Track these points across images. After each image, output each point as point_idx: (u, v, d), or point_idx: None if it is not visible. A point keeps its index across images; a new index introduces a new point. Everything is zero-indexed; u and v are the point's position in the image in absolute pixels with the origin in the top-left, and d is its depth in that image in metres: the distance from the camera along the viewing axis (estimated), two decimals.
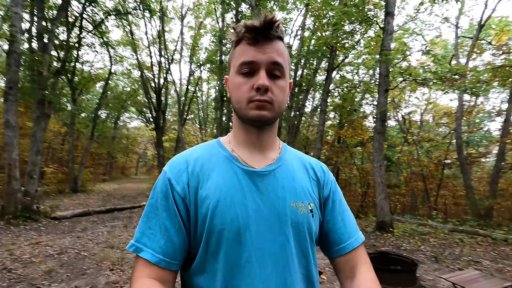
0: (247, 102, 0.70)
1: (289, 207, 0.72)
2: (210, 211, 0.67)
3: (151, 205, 0.70)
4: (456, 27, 11.79)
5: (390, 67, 7.59)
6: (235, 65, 0.72)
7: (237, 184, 0.70)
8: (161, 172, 0.74)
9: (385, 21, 7.50)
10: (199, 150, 0.79)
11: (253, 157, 0.76)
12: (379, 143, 7.57)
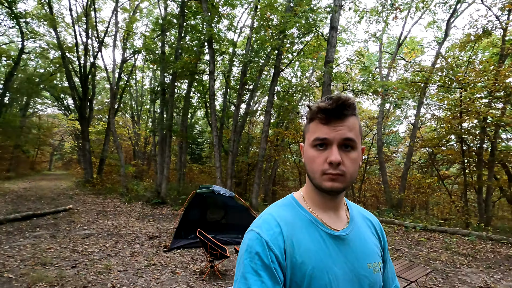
0: (321, 174, 0.75)
1: (367, 268, 0.79)
2: (307, 277, 0.70)
3: (247, 265, 0.70)
4: (380, 43, 13.53)
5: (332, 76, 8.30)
6: (309, 139, 0.78)
7: (326, 250, 0.75)
8: (251, 232, 0.75)
9: (329, 35, 8.14)
10: (281, 211, 0.81)
11: (330, 219, 0.82)
12: None
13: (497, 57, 9.96)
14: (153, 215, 9.49)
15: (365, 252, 0.81)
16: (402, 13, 11.49)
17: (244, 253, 0.72)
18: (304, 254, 0.73)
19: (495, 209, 12.77)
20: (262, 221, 0.77)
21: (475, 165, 10.58)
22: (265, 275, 0.68)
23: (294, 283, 0.71)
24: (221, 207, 7.47)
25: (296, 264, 0.71)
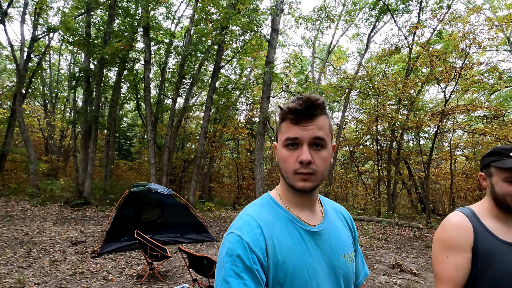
0: (293, 173, 0.76)
1: (341, 260, 0.82)
2: (289, 276, 0.71)
3: (228, 268, 0.69)
4: (313, 49, 14.64)
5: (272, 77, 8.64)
6: (281, 139, 0.79)
7: (304, 247, 0.77)
8: (231, 235, 0.73)
9: (270, 36, 8.44)
10: (260, 211, 0.80)
11: (307, 216, 0.83)
12: (261, 143, 8.55)
13: (405, 71, 11.83)
14: (75, 217, 8.43)
15: (339, 245, 0.84)
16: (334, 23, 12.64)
17: (225, 256, 0.70)
18: (285, 253, 0.73)
19: (399, 199, 15.18)
20: (242, 222, 0.75)
21: (386, 162, 12.41)
22: (247, 278, 0.67)
23: (277, 283, 0.71)
24: (158, 206, 7.08)
25: (278, 264, 0.72)
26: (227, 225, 8.36)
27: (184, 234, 6.54)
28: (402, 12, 12.01)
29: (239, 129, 11.51)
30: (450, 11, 11.60)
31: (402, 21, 11.70)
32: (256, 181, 8.58)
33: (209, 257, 3.55)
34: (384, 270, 4.99)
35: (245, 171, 13.87)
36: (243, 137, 12.03)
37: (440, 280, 1.12)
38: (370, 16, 12.81)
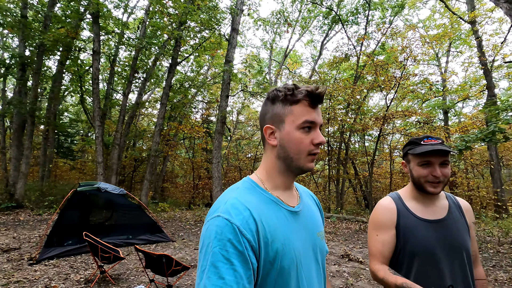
0: (307, 154, 0.81)
1: (317, 237, 0.89)
2: (279, 254, 0.73)
3: (217, 253, 0.67)
4: (270, 51, 15.04)
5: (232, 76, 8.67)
6: (295, 121, 0.81)
7: (289, 226, 0.80)
8: (218, 218, 0.70)
9: (230, 36, 8.47)
10: (246, 195, 0.80)
11: (288, 197, 0.87)
12: (219, 142, 8.52)
13: (353, 78, 12.82)
14: (5, 222, 7.43)
15: (314, 223, 0.90)
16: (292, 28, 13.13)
17: (213, 240, 0.68)
18: (274, 233, 0.74)
19: (346, 196, 16.35)
20: (229, 205, 0.73)
21: (336, 162, 13.29)
22: (237, 263, 0.66)
23: (268, 262, 0.72)
24: (108, 207, 6.61)
25: (268, 244, 0.72)
26: (183, 225, 8.15)
27: (137, 235, 6.20)
28: (352, 24, 13.02)
29: (196, 127, 11.29)
30: (392, 27, 12.92)
31: (351, 32, 12.68)
32: (214, 180, 8.51)
33: (168, 255, 3.46)
34: (334, 260, 5.36)
35: (201, 170, 13.64)
36: (200, 135, 11.82)
37: (372, 254, 1.31)
38: (323, 24, 13.63)
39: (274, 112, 0.85)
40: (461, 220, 1.31)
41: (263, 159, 0.91)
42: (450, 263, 1.22)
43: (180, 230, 7.63)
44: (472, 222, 1.34)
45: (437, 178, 1.24)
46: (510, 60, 7.12)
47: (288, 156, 0.82)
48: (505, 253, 5.76)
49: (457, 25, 14.18)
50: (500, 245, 6.32)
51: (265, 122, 0.86)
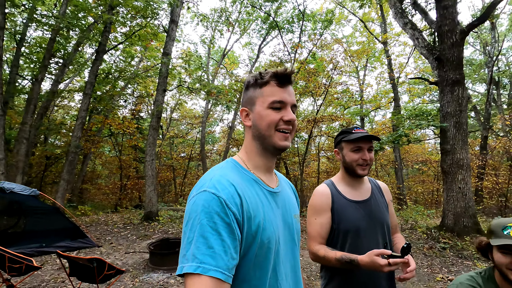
0: (275, 129, 0.87)
1: (293, 218, 0.96)
2: (259, 228, 0.78)
3: (205, 225, 0.69)
4: (209, 49, 14.83)
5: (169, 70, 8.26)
6: (265, 101, 0.87)
7: (268, 204, 0.86)
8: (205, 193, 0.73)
9: (169, 27, 8.08)
10: (229, 173, 0.84)
11: (267, 179, 0.94)
12: (153, 138, 8.01)
13: None
14: None
15: (291, 206, 0.98)
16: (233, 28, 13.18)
17: (200, 213, 0.70)
18: (255, 208, 0.80)
19: None
20: (215, 181, 0.77)
21: None
22: (225, 233, 0.69)
23: (250, 235, 0.76)
24: (14, 211, 5.56)
25: (250, 218, 0.77)
26: (110, 228, 7.38)
27: (54, 242, 5.37)
28: (287, 32, 13.82)
29: (127, 122, 10.34)
30: (321, 39, 14.18)
31: (287, 39, 13.47)
32: (147, 179, 7.96)
33: (100, 259, 3.11)
34: None
35: (129, 169, 12.56)
36: (131, 131, 10.87)
37: (311, 237, 1.48)
38: (262, 28, 14.12)
39: (247, 96, 0.93)
40: (381, 199, 1.59)
41: (244, 141, 0.97)
42: (374, 235, 1.47)
43: (107, 234, 6.90)
44: (390, 200, 1.64)
45: (365, 161, 1.47)
46: (414, 77, 8.57)
47: (260, 134, 0.88)
48: (406, 236, 6.88)
49: (372, 44, 16.44)
50: (402, 231, 7.53)
51: (242, 106, 0.94)
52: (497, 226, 1.28)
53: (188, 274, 0.65)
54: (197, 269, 0.65)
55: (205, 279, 0.64)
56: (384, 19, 14.17)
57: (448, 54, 6.43)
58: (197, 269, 0.65)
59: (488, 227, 1.34)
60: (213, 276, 0.65)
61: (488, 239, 1.32)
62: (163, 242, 5.34)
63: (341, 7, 15.30)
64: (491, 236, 1.30)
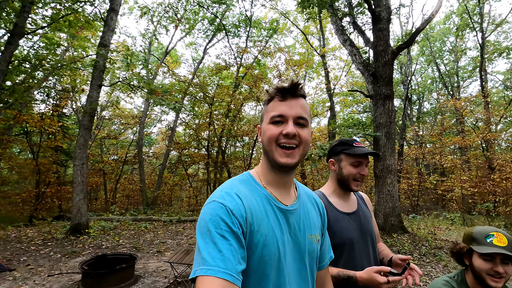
0: (277, 146, 0.85)
1: (307, 239, 0.92)
2: (261, 244, 0.79)
3: (212, 232, 0.73)
4: (149, 44, 13.82)
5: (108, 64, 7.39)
6: (268, 117, 0.88)
7: (276, 221, 0.85)
8: (213, 203, 0.78)
9: (108, 16, 7.26)
10: (240, 187, 0.86)
11: (281, 195, 0.91)
12: (85, 139, 7.04)
13: (233, 86, 13.55)
14: None
15: (307, 225, 0.93)
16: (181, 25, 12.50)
17: (209, 221, 0.74)
18: (260, 223, 0.81)
19: None
20: (224, 193, 0.81)
21: (213, 165, 13.57)
22: (232, 239, 0.73)
23: (251, 248, 0.78)
24: None
25: (253, 232, 0.79)
26: (25, 246, 6.15)
27: None
28: (234, 36, 13.81)
29: (48, 119, 8.80)
30: (266, 46, 14.58)
31: (234, 43, 13.45)
32: (75, 186, 6.91)
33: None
34: None
35: (49, 174, 10.75)
36: (55, 130, 9.31)
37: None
38: (208, 29, 13.80)
39: (261, 114, 0.96)
40: (366, 210, 1.63)
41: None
42: (365, 247, 1.49)
43: (21, 253, 5.73)
44: (371, 210, 1.69)
45: (362, 176, 1.49)
46: (352, 89, 9.40)
47: (265, 150, 0.89)
48: None
49: (311, 56, 17.61)
50: None
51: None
52: (479, 234, 1.37)
53: (199, 277, 0.69)
54: (207, 271, 0.68)
55: (215, 280, 0.67)
56: (323, 33, 15.32)
57: (382, 71, 7.24)
58: (207, 271, 0.68)
59: (469, 234, 1.43)
60: (222, 278, 0.67)
61: (468, 245, 1.42)
62: (99, 259, 4.66)
63: (285, 17, 16.01)
64: (472, 243, 1.39)
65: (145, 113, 13.11)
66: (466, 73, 18.28)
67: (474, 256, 1.37)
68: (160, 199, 13.89)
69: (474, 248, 1.36)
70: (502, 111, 14.27)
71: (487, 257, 1.32)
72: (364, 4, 8.02)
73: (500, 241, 1.31)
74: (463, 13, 15.35)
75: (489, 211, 9.91)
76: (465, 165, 12.93)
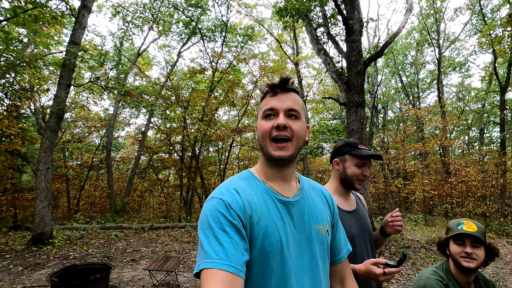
0: (270, 140, 0.87)
1: (313, 229, 0.91)
2: (261, 235, 0.80)
3: (213, 226, 0.75)
4: (120, 44, 13.27)
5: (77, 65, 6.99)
6: (260, 113, 0.91)
7: (277, 213, 0.86)
8: (212, 199, 0.80)
9: (79, 13, 6.91)
10: (239, 182, 0.89)
11: (282, 188, 0.92)
12: (51, 142, 6.56)
13: (208, 90, 13.43)
14: None
15: (312, 216, 0.93)
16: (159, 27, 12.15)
17: (209, 216, 0.76)
18: (260, 215, 0.82)
19: (194, 204, 16.53)
20: (222, 189, 0.84)
21: (187, 171, 13.25)
22: (232, 232, 0.74)
23: (251, 242, 0.80)
24: None
25: (253, 223, 0.81)
26: None
27: None
28: (209, 40, 13.74)
29: (5, 120, 8.05)
30: (242, 52, 14.69)
31: (209, 47, 13.35)
32: (39, 192, 6.38)
33: None
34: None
35: (3, 180, 9.79)
36: (15, 132, 8.52)
37: None
38: (183, 32, 13.59)
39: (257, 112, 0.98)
40: (364, 209, 1.72)
41: None
42: (365, 243, 1.58)
43: None
44: (367, 209, 1.80)
45: (365, 177, 1.58)
46: (327, 97, 9.77)
47: (260, 145, 0.91)
48: None
49: (285, 63, 18.05)
50: None
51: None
52: (453, 224, 1.57)
53: (203, 270, 0.70)
54: (210, 264, 0.69)
55: (219, 272, 0.68)
56: (297, 42, 15.81)
57: (354, 80, 7.63)
58: (210, 264, 0.69)
59: (446, 227, 1.62)
60: (225, 270, 0.68)
61: (446, 235, 1.59)
62: (69, 270, 4.33)
63: (260, 25, 16.29)
64: (448, 232, 1.57)
65: (114, 115, 12.50)
66: (425, 84, 19.83)
67: (450, 243, 1.54)
68: (129, 206, 13.24)
69: (449, 236, 1.53)
70: (456, 120, 15.67)
71: (458, 241, 1.49)
72: (338, 17, 8.45)
73: (470, 227, 1.48)
74: (423, 30, 16.74)
75: (447, 212, 10.76)
76: (425, 169, 13.94)
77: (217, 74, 13.29)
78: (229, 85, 11.66)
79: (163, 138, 13.97)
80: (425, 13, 16.70)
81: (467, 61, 17.40)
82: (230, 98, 12.06)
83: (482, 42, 12.45)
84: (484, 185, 11.03)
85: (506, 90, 12.38)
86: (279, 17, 8.82)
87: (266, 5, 17.27)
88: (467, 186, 10.81)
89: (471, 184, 10.68)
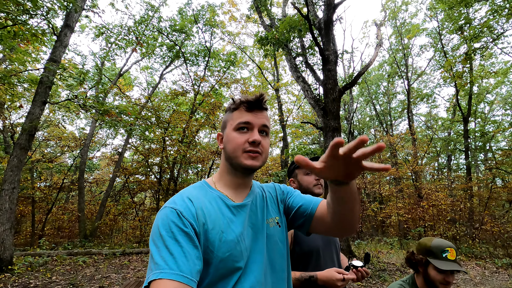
0: (242, 152, 0.90)
1: (265, 224, 0.97)
2: (217, 241, 0.81)
3: (163, 236, 0.74)
4: (102, 64, 13.22)
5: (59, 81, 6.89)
6: (233, 124, 0.94)
7: (233, 217, 0.89)
8: (164, 208, 0.81)
9: (62, 32, 6.93)
10: (192, 191, 0.90)
11: (235, 194, 0.96)
12: (19, 160, 6.25)
13: (190, 112, 13.49)
14: None
15: (263, 212, 0.99)
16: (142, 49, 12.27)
17: (160, 227, 0.76)
18: (214, 222, 0.84)
19: None
20: (174, 198, 0.85)
21: (164, 193, 12.88)
22: (183, 241, 0.74)
23: (207, 248, 0.80)
24: None
25: (208, 230, 0.81)
26: None
27: None
28: (192, 64, 14.03)
29: None
30: (224, 76, 15.07)
31: (192, 70, 13.62)
32: (1, 214, 5.92)
33: None
34: None
35: None
36: None
37: None
38: (166, 55, 13.82)
39: (223, 121, 1.02)
40: None
41: (220, 163, 1.04)
42: (330, 254, 1.65)
43: None
44: None
45: (318, 181, 1.70)
46: (306, 121, 10.10)
47: (228, 155, 0.94)
48: None
49: (266, 89, 18.62)
50: None
51: (219, 131, 1.03)
52: (436, 248, 1.58)
53: (152, 282, 0.67)
54: (159, 274, 0.67)
55: (168, 283, 0.66)
56: (277, 69, 16.48)
57: (331, 107, 8.02)
58: (159, 274, 0.67)
59: (426, 246, 1.63)
60: (175, 280, 0.67)
61: (425, 256, 1.62)
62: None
63: (242, 52, 16.92)
64: (430, 255, 1.59)
65: (90, 135, 12.14)
66: (397, 113, 21.05)
67: (430, 267, 1.58)
68: (100, 230, 12.51)
69: (432, 261, 1.56)
70: (426, 147, 16.60)
71: (441, 270, 1.53)
72: (315, 47, 9.01)
73: (453, 256, 1.54)
74: (393, 63, 18.08)
75: (420, 235, 11.07)
76: (399, 193, 14.44)
77: (199, 96, 13.46)
78: (211, 108, 11.81)
79: (141, 159, 13.66)
80: (395, 48, 18.15)
81: (433, 93, 18.82)
82: (211, 121, 12.16)
83: (445, 76, 13.62)
84: (453, 209, 11.55)
85: (468, 120, 13.43)
86: (260, 46, 9.28)
87: (249, 34, 18.05)
88: (438, 210, 11.27)
89: (441, 208, 11.15)
